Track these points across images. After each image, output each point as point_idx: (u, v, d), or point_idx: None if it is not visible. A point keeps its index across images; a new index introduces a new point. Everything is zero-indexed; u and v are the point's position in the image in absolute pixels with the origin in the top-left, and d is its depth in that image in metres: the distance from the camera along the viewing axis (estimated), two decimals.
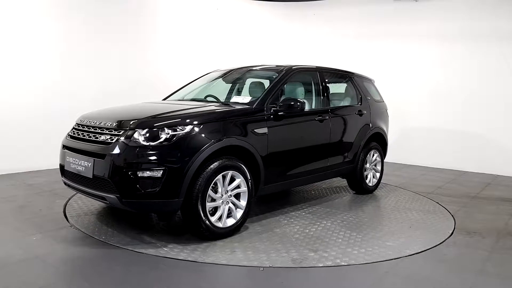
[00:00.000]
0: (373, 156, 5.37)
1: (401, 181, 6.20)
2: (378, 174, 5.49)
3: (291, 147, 4.09)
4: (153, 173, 3.04)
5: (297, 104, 3.87)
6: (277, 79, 4.13)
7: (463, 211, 4.65)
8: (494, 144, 7.20)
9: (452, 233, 3.82)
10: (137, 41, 7.03)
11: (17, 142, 5.69)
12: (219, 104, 4.11)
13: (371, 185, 5.33)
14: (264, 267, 2.91)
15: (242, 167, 3.48)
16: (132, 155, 3.07)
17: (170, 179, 3.07)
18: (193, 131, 3.23)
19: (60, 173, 3.73)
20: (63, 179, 3.68)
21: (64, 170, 3.61)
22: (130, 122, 3.23)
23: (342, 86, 5.32)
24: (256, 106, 3.80)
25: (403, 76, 8.01)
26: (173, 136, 3.16)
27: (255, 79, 4.59)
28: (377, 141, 5.45)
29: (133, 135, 3.14)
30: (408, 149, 7.87)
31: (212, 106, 3.88)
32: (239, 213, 3.52)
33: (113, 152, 3.10)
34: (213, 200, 3.34)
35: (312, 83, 4.67)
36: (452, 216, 4.40)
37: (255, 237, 3.49)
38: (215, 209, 3.38)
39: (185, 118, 3.35)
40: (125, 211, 3.83)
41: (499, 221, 4.31)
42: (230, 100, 4.39)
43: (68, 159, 3.50)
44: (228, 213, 3.46)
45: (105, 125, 3.34)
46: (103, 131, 3.32)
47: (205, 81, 4.90)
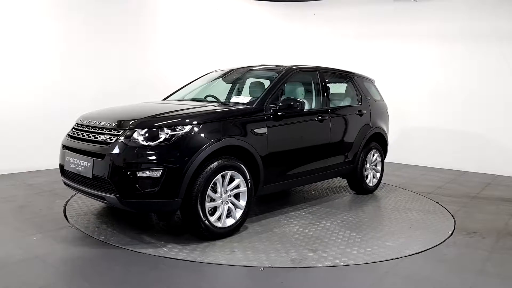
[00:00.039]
0: (373, 156, 5.36)
1: (401, 181, 6.19)
2: (378, 174, 5.49)
3: (291, 147, 4.09)
4: (152, 173, 3.05)
5: (297, 104, 3.86)
6: (277, 79, 4.13)
7: (463, 211, 4.65)
8: (494, 144, 7.20)
9: (452, 233, 3.82)
10: (137, 41, 7.03)
11: (17, 142, 5.69)
12: (219, 104, 4.11)
13: (371, 185, 5.32)
14: (263, 267, 2.91)
15: (241, 167, 3.48)
16: (131, 155, 3.07)
17: (169, 179, 3.07)
18: (192, 131, 3.23)
19: (60, 173, 3.73)
20: (63, 179, 3.68)
21: (64, 170, 3.61)
22: (129, 122, 3.23)
23: (342, 86, 5.32)
24: (255, 106, 3.79)
25: (403, 76, 8.01)
26: (172, 136, 3.16)
27: (255, 79, 4.59)
28: (378, 141, 5.45)
29: (133, 135, 3.14)
30: (408, 149, 7.86)
31: (211, 106, 3.88)
32: (239, 213, 3.52)
33: (112, 152, 3.11)
34: (212, 200, 3.33)
35: (312, 83, 4.66)
36: (452, 216, 4.40)
37: (255, 237, 3.49)
38: (215, 209, 3.38)
39: (184, 118, 3.35)
40: (125, 211, 3.83)
41: (499, 221, 4.31)
42: (230, 100, 4.39)
43: (67, 159, 3.50)
44: (227, 213, 3.46)
45: (105, 125, 3.34)
46: (103, 131, 3.32)
47: (205, 81, 4.90)
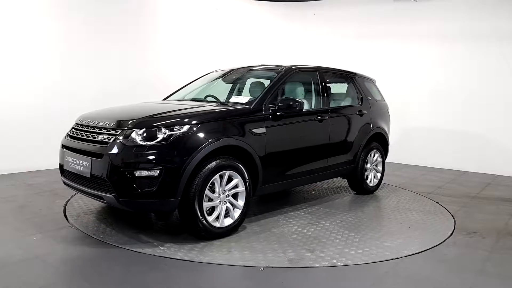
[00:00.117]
0: (374, 156, 5.35)
1: (401, 181, 6.19)
2: (379, 174, 5.48)
3: (290, 147, 4.08)
4: (150, 173, 3.05)
5: (296, 104, 3.86)
6: (276, 79, 4.12)
7: (463, 211, 4.64)
8: (494, 144, 7.18)
9: (452, 233, 3.81)
10: (137, 41, 7.04)
11: (17, 142, 5.70)
12: (218, 104, 4.11)
13: (371, 185, 5.31)
14: (263, 267, 2.90)
15: (239, 167, 3.48)
16: (129, 155, 3.07)
17: (167, 178, 3.07)
18: (191, 131, 3.23)
19: (59, 173, 3.73)
20: (63, 178, 3.69)
21: (63, 169, 3.62)
22: (127, 122, 3.24)
23: (342, 86, 5.31)
24: (254, 106, 3.79)
25: (403, 76, 8.00)
26: (170, 135, 3.16)
27: (255, 79, 4.59)
28: (378, 141, 5.43)
29: (131, 135, 3.14)
30: (408, 149, 7.85)
31: (210, 106, 3.88)
32: (237, 213, 3.52)
33: (110, 151, 3.11)
34: (210, 200, 3.33)
35: (312, 83, 4.66)
36: (452, 216, 4.39)
37: (253, 237, 3.48)
38: (213, 209, 3.38)
39: (182, 118, 3.34)
40: (124, 210, 3.83)
41: (499, 221, 4.30)
42: (229, 100, 4.39)
43: (67, 158, 3.51)
44: (226, 213, 3.45)
45: (104, 125, 3.35)
46: (102, 131, 3.33)
47: (205, 81, 4.89)
